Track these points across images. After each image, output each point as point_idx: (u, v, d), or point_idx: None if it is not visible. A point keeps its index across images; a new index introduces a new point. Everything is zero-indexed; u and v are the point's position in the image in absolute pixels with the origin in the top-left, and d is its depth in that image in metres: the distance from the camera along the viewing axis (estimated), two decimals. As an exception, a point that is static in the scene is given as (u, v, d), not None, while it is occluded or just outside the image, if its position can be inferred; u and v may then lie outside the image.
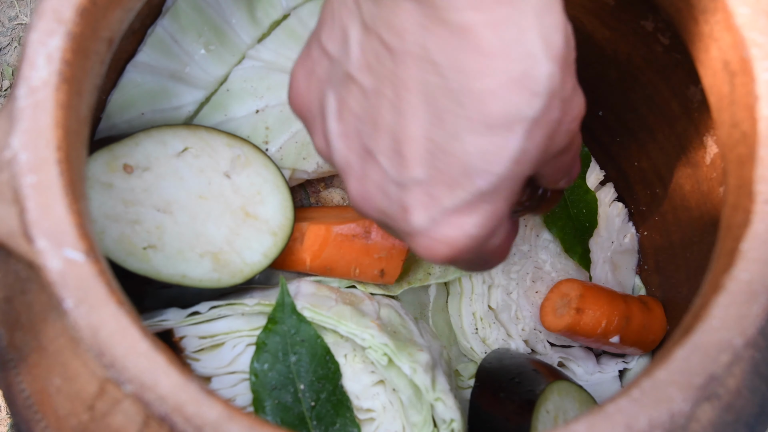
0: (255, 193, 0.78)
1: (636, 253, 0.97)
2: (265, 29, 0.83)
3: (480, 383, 0.79)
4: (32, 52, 0.49)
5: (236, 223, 0.76)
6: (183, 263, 0.71)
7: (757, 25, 0.53)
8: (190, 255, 0.72)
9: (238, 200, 0.77)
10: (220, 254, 0.73)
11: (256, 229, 0.76)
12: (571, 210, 0.93)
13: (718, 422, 0.53)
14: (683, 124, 0.83)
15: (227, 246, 0.74)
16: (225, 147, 0.78)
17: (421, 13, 0.46)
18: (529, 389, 0.76)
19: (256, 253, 0.75)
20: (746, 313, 0.46)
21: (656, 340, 0.90)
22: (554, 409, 0.75)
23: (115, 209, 0.71)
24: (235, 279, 0.73)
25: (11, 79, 1.25)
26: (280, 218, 0.78)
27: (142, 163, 0.74)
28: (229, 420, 0.44)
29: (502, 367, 0.81)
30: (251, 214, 0.76)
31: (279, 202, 0.79)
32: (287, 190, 0.80)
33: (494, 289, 0.90)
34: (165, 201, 0.74)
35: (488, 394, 0.78)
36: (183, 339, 0.74)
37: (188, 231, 0.73)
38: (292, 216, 0.78)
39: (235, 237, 0.75)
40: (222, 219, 0.75)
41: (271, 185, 0.79)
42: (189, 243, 0.73)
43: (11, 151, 0.47)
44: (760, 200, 0.49)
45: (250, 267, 0.75)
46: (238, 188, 0.77)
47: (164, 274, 0.70)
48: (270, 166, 0.80)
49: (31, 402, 0.57)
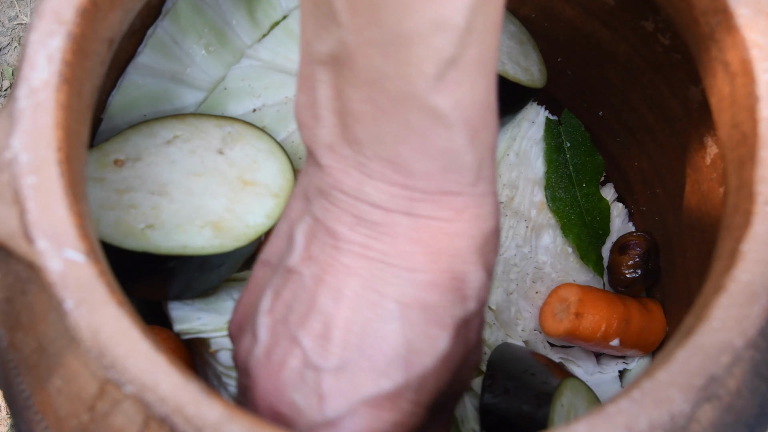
0: (250, 162, 0.77)
1: (636, 253, 0.97)
2: (265, 30, 0.83)
3: (492, 373, 0.80)
4: (32, 52, 0.49)
5: (234, 192, 0.75)
6: (182, 235, 0.71)
7: (757, 26, 0.53)
8: (190, 228, 0.72)
9: (233, 172, 0.76)
10: (221, 222, 0.73)
11: (256, 194, 0.76)
12: (585, 217, 0.94)
13: (718, 423, 0.53)
14: (683, 124, 0.83)
15: (228, 214, 0.74)
16: (215, 128, 0.78)
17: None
18: (544, 382, 0.76)
19: (259, 216, 0.75)
20: (747, 314, 0.46)
21: (656, 342, 0.90)
22: (567, 404, 0.76)
23: (108, 199, 0.71)
24: (239, 242, 0.73)
25: (11, 79, 1.25)
26: (280, 180, 0.77)
27: (132, 155, 0.74)
28: (230, 421, 0.44)
29: (515, 359, 0.82)
30: (249, 182, 0.76)
31: (277, 166, 0.78)
32: (284, 155, 0.79)
33: (494, 290, 0.90)
34: (159, 184, 0.73)
35: (500, 384, 0.78)
36: (219, 352, 0.73)
37: (185, 207, 0.73)
38: (292, 177, 0.78)
39: (235, 204, 0.75)
40: (219, 190, 0.75)
41: (266, 153, 0.78)
42: (187, 217, 0.72)
43: (11, 151, 0.47)
44: (761, 201, 0.49)
45: (253, 229, 0.74)
46: (233, 161, 0.77)
47: (164, 248, 0.69)
48: (263, 137, 0.79)
49: (32, 402, 0.57)
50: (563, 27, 0.90)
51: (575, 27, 0.89)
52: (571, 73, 0.94)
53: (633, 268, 0.90)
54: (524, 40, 0.92)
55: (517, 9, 0.93)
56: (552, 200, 0.93)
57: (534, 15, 0.92)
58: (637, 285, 0.91)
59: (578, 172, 0.95)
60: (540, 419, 0.73)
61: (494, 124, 0.48)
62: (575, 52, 0.91)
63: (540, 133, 0.94)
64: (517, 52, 0.89)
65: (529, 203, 0.93)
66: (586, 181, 0.95)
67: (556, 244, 0.94)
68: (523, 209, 0.92)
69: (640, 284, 0.91)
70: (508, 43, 0.89)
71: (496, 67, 0.47)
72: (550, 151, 0.93)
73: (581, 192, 0.94)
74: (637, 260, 0.90)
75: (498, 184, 0.92)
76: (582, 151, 0.95)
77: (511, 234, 0.92)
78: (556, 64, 0.94)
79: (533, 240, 0.93)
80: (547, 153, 0.93)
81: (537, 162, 0.93)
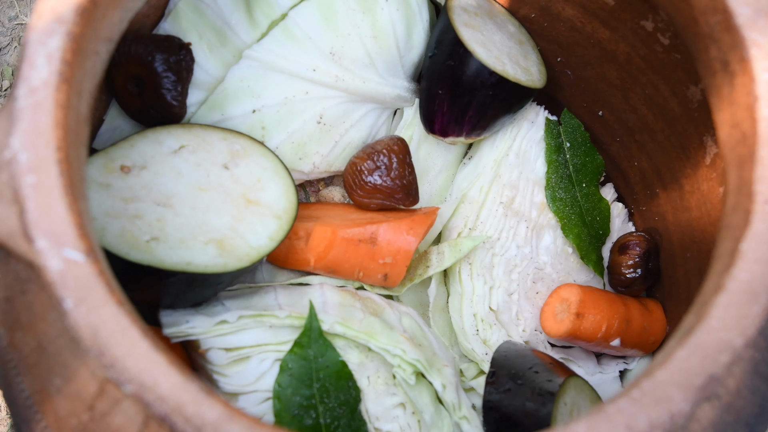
0: (255, 180, 0.78)
1: (636, 253, 0.97)
2: (264, 29, 0.83)
3: (496, 369, 0.80)
4: (32, 52, 0.49)
5: (238, 210, 0.76)
6: (187, 251, 0.71)
7: (757, 26, 0.53)
8: (194, 243, 0.72)
9: (238, 189, 0.77)
10: (224, 240, 0.73)
11: (260, 214, 0.76)
12: (585, 218, 0.94)
13: (718, 422, 0.53)
14: (683, 124, 0.83)
15: (231, 232, 0.74)
16: (221, 141, 0.78)
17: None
18: (548, 380, 0.76)
19: (262, 237, 0.75)
20: (746, 313, 0.46)
21: (657, 342, 0.90)
22: (570, 403, 0.76)
23: (114, 207, 0.71)
24: (243, 262, 0.73)
25: (11, 79, 1.25)
26: (283, 202, 0.78)
27: (138, 162, 0.74)
28: (229, 420, 0.44)
29: (519, 356, 0.82)
30: (253, 201, 0.76)
31: (280, 187, 0.79)
32: (288, 176, 0.79)
33: (495, 290, 0.90)
34: (164, 195, 0.74)
35: (504, 381, 0.78)
36: (208, 351, 0.74)
37: (190, 221, 0.73)
38: (295, 199, 0.78)
39: (239, 223, 0.75)
40: (223, 207, 0.75)
41: (271, 173, 0.79)
42: (191, 232, 0.73)
43: (11, 151, 0.47)
44: (760, 200, 0.49)
45: (256, 250, 0.74)
46: (238, 178, 0.77)
47: (168, 263, 0.70)
48: (268, 155, 0.80)
49: (31, 402, 0.57)
50: (563, 27, 0.90)
51: (575, 27, 0.89)
52: (571, 73, 0.94)
53: (633, 268, 0.90)
54: (524, 40, 0.92)
55: (517, 9, 0.93)
56: (552, 200, 0.93)
57: (534, 15, 0.92)
58: (637, 285, 0.91)
59: (578, 172, 0.95)
60: (543, 417, 0.73)
61: None
62: (575, 52, 0.91)
63: (540, 133, 0.94)
64: (517, 52, 0.89)
65: (530, 204, 0.93)
66: (586, 181, 0.95)
67: (557, 244, 0.94)
68: (523, 209, 0.92)
69: (640, 284, 0.91)
70: (508, 43, 0.89)
71: None
72: (550, 151, 0.93)
73: (581, 192, 0.94)
74: (637, 260, 0.90)
75: (498, 184, 0.92)
76: (582, 151, 0.95)
77: (512, 234, 0.92)
78: (556, 64, 0.94)
79: (534, 240, 0.93)
80: (547, 153, 0.93)
81: (537, 162, 0.93)
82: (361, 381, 0.76)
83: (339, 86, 0.86)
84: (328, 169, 0.90)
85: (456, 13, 0.87)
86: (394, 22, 0.86)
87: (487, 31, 0.88)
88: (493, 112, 0.88)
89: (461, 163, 0.97)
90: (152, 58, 0.76)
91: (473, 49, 0.85)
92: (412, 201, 0.87)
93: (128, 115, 0.80)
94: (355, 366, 0.76)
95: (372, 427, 0.76)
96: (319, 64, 0.84)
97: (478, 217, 0.91)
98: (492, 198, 0.92)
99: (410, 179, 0.86)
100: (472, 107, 0.87)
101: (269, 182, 0.78)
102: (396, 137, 0.87)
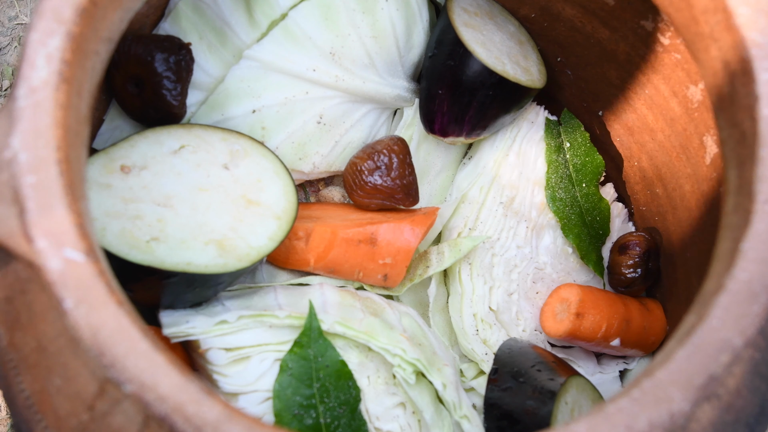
0: (255, 181, 0.78)
1: (636, 253, 0.97)
2: (264, 29, 0.83)
3: (499, 366, 0.80)
4: (32, 52, 0.49)
5: (238, 211, 0.76)
6: (187, 251, 0.71)
7: (757, 25, 0.53)
8: (194, 243, 0.72)
9: (238, 189, 0.77)
10: (224, 240, 0.73)
11: (260, 214, 0.76)
12: (585, 218, 0.93)
13: (718, 422, 0.53)
14: (683, 124, 0.83)
15: (231, 232, 0.74)
16: (221, 141, 0.78)
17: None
18: (550, 378, 0.76)
19: (262, 237, 0.75)
20: (746, 312, 0.46)
21: (657, 342, 0.90)
22: (572, 402, 0.76)
23: (114, 207, 0.71)
24: (243, 263, 0.73)
25: (11, 79, 1.25)
26: (283, 203, 0.78)
27: (138, 162, 0.74)
28: (229, 420, 0.44)
29: (522, 354, 0.82)
30: (253, 201, 0.76)
31: (280, 187, 0.79)
32: (288, 176, 0.79)
33: (495, 290, 0.90)
34: (164, 195, 0.74)
35: (507, 377, 0.78)
36: (208, 351, 0.74)
37: (190, 221, 0.73)
38: (295, 200, 0.78)
39: (239, 223, 0.75)
40: (223, 208, 0.75)
41: (271, 173, 0.79)
42: (192, 232, 0.73)
43: (11, 151, 0.47)
44: (760, 200, 0.49)
45: (256, 250, 0.74)
46: (238, 178, 0.77)
47: (168, 263, 0.70)
48: (268, 156, 0.80)
49: (31, 402, 0.57)
50: (563, 27, 0.90)
51: (575, 27, 0.89)
52: (571, 73, 0.94)
53: (633, 268, 0.90)
54: (524, 40, 0.92)
55: (517, 9, 0.93)
56: (552, 200, 0.93)
57: (534, 15, 0.92)
58: (637, 285, 0.91)
59: (578, 172, 0.95)
60: (544, 415, 0.73)
61: None
62: (575, 52, 0.91)
63: (540, 133, 0.94)
64: (517, 52, 0.89)
65: (530, 204, 0.93)
66: (586, 181, 0.95)
67: (557, 244, 0.94)
68: (523, 209, 0.92)
69: (640, 284, 0.91)
70: (508, 43, 0.89)
71: None
72: (550, 151, 0.93)
73: (581, 192, 0.94)
74: (637, 260, 0.90)
75: (498, 184, 0.92)
76: (582, 151, 0.95)
77: (512, 234, 0.92)
78: (556, 64, 0.94)
79: (534, 240, 0.93)
80: (547, 153, 0.93)
81: (537, 162, 0.93)
82: (361, 381, 0.76)
83: (339, 86, 0.86)
84: (328, 169, 0.90)
85: (456, 13, 0.87)
86: (394, 22, 0.86)
87: (487, 31, 0.88)
88: (493, 112, 0.88)
89: (461, 163, 0.97)
90: (152, 58, 0.76)
91: (473, 49, 0.85)
92: (412, 201, 0.87)
93: (128, 115, 0.80)
94: (355, 366, 0.76)
95: (372, 427, 0.76)
96: (319, 64, 0.84)
97: (478, 217, 0.91)
98: (492, 198, 0.92)
99: (410, 179, 0.86)
100: (472, 107, 0.87)
101: (269, 182, 0.78)
102: (396, 137, 0.87)
